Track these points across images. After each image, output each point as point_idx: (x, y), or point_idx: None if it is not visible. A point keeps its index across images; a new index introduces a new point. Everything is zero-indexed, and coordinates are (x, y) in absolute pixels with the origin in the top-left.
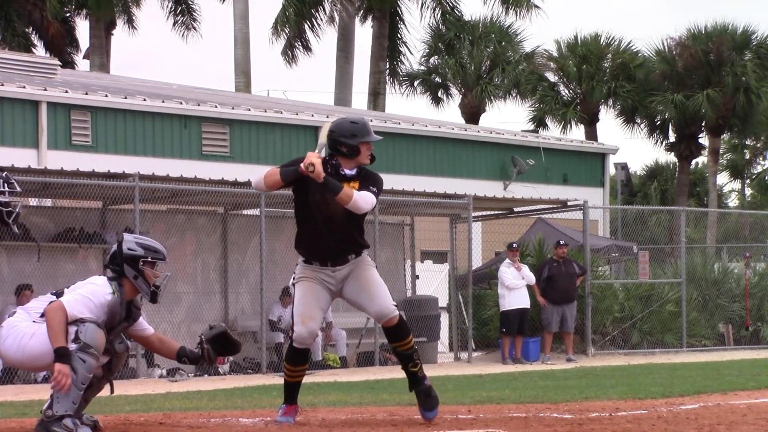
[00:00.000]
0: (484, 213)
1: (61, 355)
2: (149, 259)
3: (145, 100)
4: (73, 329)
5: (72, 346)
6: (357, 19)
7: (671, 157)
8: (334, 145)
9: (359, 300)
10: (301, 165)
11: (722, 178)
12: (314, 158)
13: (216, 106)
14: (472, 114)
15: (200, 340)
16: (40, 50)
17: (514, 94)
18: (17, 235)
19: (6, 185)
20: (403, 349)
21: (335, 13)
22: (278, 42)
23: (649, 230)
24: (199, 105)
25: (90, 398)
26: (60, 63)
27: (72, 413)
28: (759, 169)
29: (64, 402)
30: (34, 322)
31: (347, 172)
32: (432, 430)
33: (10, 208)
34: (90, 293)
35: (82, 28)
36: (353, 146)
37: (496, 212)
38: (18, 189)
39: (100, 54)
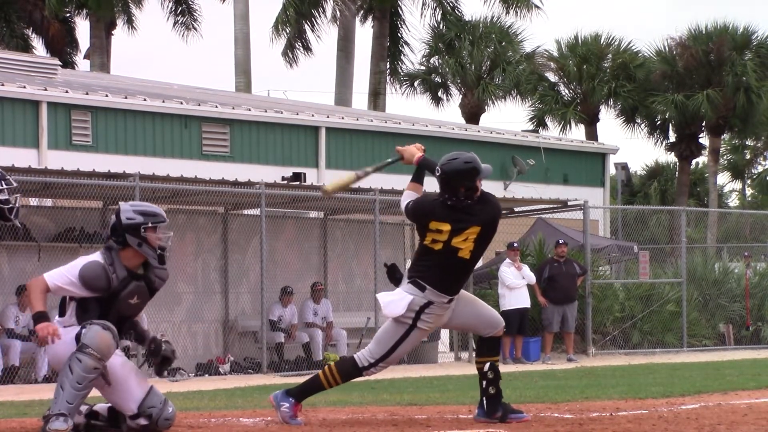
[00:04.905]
0: None
1: (37, 318)
2: (150, 225)
3: (145, 100)
4: (78, 329)
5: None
6: (357, 19)
7: (671, 157)
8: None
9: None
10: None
11: (722, 178)
12: None
13: (216, 106)
14: (472, 114)
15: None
16: (40, 50)
17: (514, 94)
18: (19, 229)
19: (3, 182)
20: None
21: (336, 12)
22: (278, 42)
23: (649, 230)
24: (199, 105)
25: None
26: (60, 63)
27: (67, 413)
28: (759, 169)
29: (59, 402)
30: (64, 327)
31: None
32: (432, 430)
33: (10, 205)
34: (70, 266)
35: (83, 28)
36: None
37: None
38: (14, 184)
39: (101, 54)
